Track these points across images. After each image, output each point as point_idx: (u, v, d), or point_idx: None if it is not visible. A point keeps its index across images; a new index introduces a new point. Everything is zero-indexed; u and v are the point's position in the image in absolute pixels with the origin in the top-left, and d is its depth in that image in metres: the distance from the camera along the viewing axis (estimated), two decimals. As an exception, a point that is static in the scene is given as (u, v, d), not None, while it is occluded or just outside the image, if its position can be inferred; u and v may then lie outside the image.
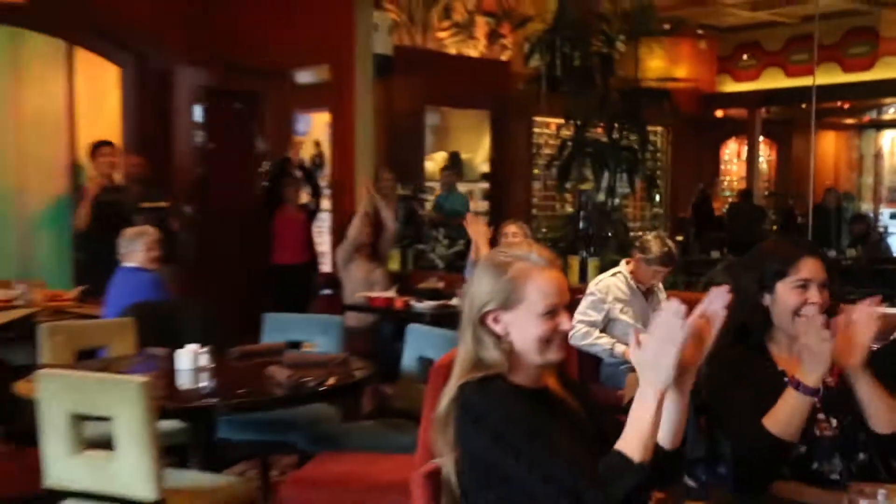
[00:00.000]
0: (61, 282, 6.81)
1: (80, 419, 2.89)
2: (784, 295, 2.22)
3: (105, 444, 2.88)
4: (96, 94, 7.39)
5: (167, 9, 7.35)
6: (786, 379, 2.15)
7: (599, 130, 6.56)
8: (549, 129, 9.79)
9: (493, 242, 5.30)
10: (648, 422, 1.68)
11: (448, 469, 1.86)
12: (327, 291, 6.90)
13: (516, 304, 1.85)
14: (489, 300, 1.87)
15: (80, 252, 6.99)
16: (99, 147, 6.67)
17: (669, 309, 1.67)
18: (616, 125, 6.24)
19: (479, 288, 1.89)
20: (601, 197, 6.43)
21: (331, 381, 3.50)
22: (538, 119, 9.72)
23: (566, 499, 1.69)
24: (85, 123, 7.29)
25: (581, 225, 6.17)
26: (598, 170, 6.21)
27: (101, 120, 7.33)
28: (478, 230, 5.42)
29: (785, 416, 2.07)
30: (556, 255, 1.96)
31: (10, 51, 7.00)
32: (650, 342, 1.67)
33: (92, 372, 3.24)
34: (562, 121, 7.86)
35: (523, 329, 1.85)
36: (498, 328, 1.87)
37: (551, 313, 1.85)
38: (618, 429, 1.76)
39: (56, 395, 2.88)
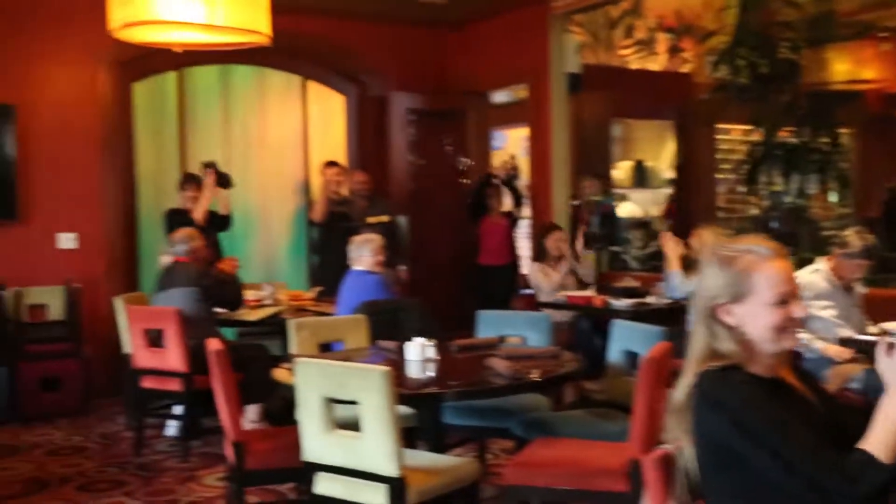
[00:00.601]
0: (298, 283, 7.17)
1: (331, 402, 2.99)
2: None
3: (352, 425, 2.97)
4: (325, 120, 7.71)
5: (383, 44, 7.59)
6: None
7: (784, 134, 6.20)
8: (731, 134, 9.38)
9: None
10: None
11: (687, 455, 1.78)
12: (527, 291, 6.89)
13: (746, 296, 1.76)
14: (719, 294, 1.79)
15: (315, 257, 7.34)
16: (327, 166, 6.99)
17: None
18: (805, 128, 5.88)
19: (708, 283, 1.81)
20: (789, 198, 6.09)
21: (546, 372, 3.48)
22: (720, 126, 9.32)
23: (811, 490, 1.57)
24: (315, 146, 7.62)
25: (772, 225, 5.85)
26: (788, 172, 5.86)
27: (329, 142, 7.66)
28: (670, 246, 5.30)
29: None
30: (781, 245, 1.84)
31: (256, 86, 7.39)
32: None
33: (340, 361, 3.36)
34: (745, 126, 7.50)
35: (756, 319, 1.75)
36: (730, 320, 1.78)
37: (782, 302, 1.75)
38: (852, 421, 1.63)
39: (311, 380, 2.99)
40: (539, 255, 6.36)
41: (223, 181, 6.28)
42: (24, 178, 6.19)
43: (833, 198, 8.13)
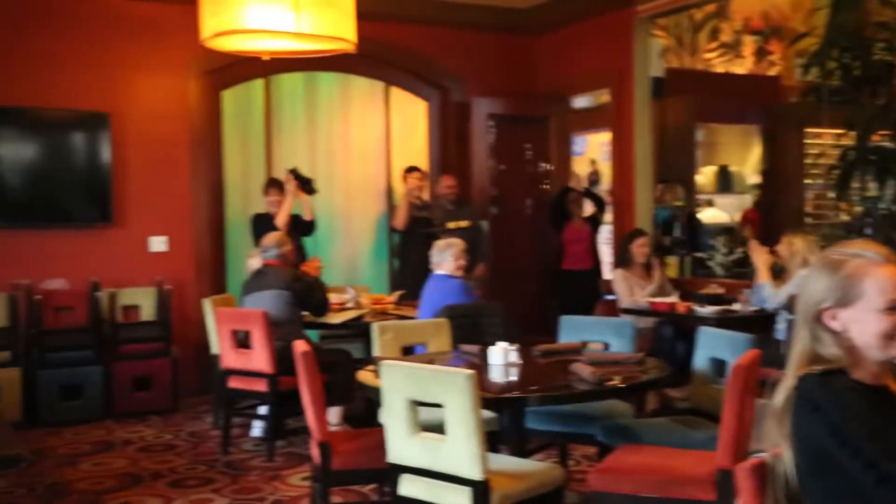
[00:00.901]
0: (380, 287, 7.25)
1: (415, 405, 3.01)
2: None
3: (436, 428, 2.99)
4: (407, 126, 7.77)
5: (466, 50, 7.63)
6: None
7: (877, 138, 5.98)
8: (821, 139, 9.12)
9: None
10: None
11: (785, 460, 1.74)
12: (609, 296, 6.82)
13: (854, 301, 1.72)
14: (825, 298, 1.74)
15: (396, 261, 7.41)
16: (409, 171, 7.05)
17: None
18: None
19: (814, 286, 1.77)
20: (883, 204, 5.86)
21: (631, 378, 3.44)
22: (809, 130, 9.08)
23: None
24: (397, 151, 7.68)
25: (866, 232, 5.65)
26: (882, 177, 5.65)
27: (411, 148, 7.71)
28: (760, 256, 5.19)
29: None
30: (892, 251, 1.78)
31: (340, 93, 7.49)
32: None
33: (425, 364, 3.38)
34: (835, 130, 7.26)
35: (863, 325, 1.71)
36: (835, 325, 1.74)
37: (892, 308, 1.70)
38: None
39: (397, 383, 3.02)
40: (622, 260, 6.28)
41: (306, 187, 6.40)
42: (118, 183, 6.43)
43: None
